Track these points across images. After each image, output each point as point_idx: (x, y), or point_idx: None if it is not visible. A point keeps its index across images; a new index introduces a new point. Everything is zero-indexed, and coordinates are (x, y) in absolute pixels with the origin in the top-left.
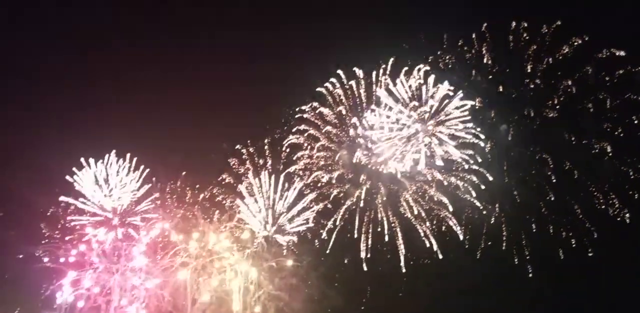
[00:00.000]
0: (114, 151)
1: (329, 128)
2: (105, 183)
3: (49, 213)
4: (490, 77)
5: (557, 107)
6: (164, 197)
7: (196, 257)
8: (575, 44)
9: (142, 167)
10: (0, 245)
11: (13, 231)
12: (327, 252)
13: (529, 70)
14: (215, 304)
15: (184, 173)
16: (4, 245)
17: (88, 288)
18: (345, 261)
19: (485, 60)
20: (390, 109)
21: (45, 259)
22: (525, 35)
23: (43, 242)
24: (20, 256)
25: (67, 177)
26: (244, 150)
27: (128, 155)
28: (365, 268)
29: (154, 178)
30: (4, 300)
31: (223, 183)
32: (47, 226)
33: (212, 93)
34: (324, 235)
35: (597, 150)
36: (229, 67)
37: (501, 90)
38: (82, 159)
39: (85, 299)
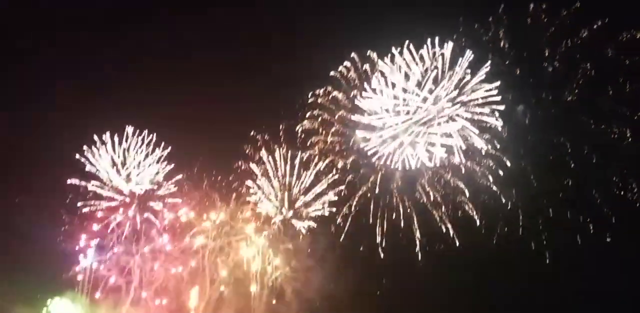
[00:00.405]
0: (130, 127)
1: (343, 112)
2: (123, 167)
3: (67, 201)
4: (508, 61)
5: (576, 90)
6: (181, 182)
7: (214, 238)
8: (595, 26)
9: (162, 144)
10: (18, 232)
11: (30, 217)
12: (343, 237)
13: (547, 54)
14: (233, 285)
15: (201, 158)
16: (22, 231)
17: (108, 270)
18: (361, 248)
19: (502, 44)
20: (405, 91)
21: (64, 244)
22: (543, 17)
23: (62, 228)
24: (39, 242)
25: (82, 159)
26: (258, 137)
27: (145, 131)
28: (381, 254)
29: (172, 164)
30: (24, 286)
31: (239, 170)
32: (66, 211)
33: (223, 79)
34: (339, 220)
35: (616, 135)
36: (241, 52)
37: (518, 73)
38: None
39: (105, 280)
